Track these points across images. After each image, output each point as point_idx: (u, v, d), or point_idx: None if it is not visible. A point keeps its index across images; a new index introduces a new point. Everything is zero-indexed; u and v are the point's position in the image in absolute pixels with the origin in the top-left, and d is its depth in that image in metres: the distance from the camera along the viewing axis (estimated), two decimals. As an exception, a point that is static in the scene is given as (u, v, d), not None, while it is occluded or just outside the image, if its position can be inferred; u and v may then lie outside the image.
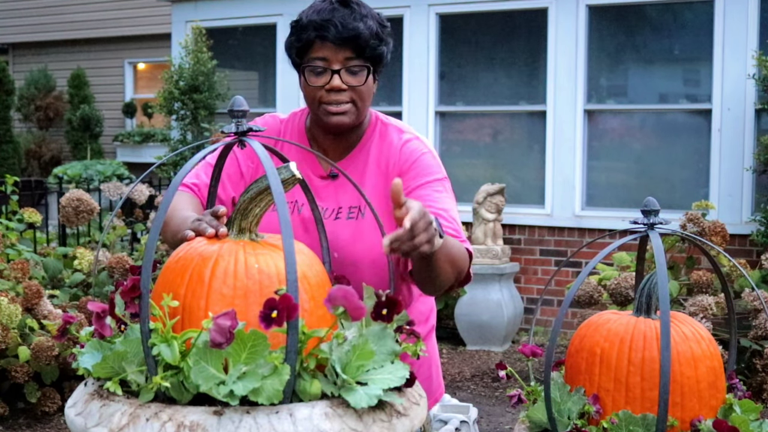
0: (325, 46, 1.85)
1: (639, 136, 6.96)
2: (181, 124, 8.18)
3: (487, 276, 6.48)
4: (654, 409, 1.65)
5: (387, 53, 1.91)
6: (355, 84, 1.87)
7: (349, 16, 1.85)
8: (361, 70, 1.87)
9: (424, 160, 1.94)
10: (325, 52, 1.85)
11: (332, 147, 1.98)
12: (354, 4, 1.88)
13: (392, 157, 1.94)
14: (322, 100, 1.89)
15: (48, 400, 4.69)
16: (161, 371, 1.37)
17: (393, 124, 2.01)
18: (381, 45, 1.89)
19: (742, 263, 5.32)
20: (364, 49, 1.85)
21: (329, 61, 1.86)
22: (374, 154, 1.96)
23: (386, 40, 1.92)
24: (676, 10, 6.80)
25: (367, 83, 1.88)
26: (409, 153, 1.94)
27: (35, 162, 14.48)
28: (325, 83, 1.87)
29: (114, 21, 14.43)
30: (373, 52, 1.87)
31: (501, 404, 5.21)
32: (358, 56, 1.86)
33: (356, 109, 1.90)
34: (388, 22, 1.96)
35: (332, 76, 1.86)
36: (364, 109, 1.92)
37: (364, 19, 1.86)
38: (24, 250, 5.14)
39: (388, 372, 1.44)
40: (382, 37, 1.90)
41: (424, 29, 7.32)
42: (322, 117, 1.90)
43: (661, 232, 1.76)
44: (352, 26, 1.83)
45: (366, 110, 1.94)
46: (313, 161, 1.96)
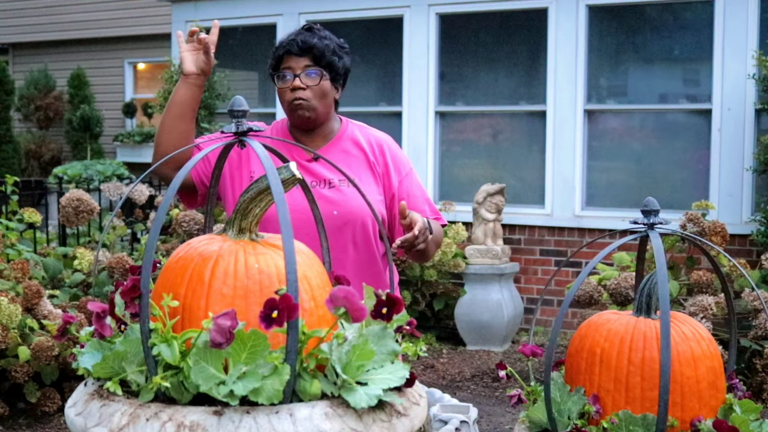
0: (290, 58, 2.40)
1: (639, 136, 6.96)
2: (181, 124, 8.18)
3: (487, 276, 6.48)
4: (654, 409, 1.65)
5: (339, 64, 2.42)
6: (311, 84, 2.38)
7: (309, 36, 2.40)
8: (317, 74, 2.39)
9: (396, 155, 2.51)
10: (290, 63, 2.40)
11: (310, 139, 2.48)
12: (316, 30, 2.44)
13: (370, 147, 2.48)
14: (288, 99, 2.40)
15: (48, 400, 4.69)
16: (161, 371, 1.37)
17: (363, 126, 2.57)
18: (334, 56, 2.41)
19: (742, 263, 5.32)
20: (320, 58, 2.38)
21: (293, 68, 2.40)
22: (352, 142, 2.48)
23: (341, 55, 2.44)
24: (676, 10, 6.80)
25: (321, 85, 2.40)
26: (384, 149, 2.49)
27: (35, 162, 14.48)
28: (290, 84, 2.39)
29: (114, 21, 14.43)
30: (327, 61, 2.39)
31: (501, 404, 5.21)
32: (315, 64, 2.39)
33: (313, 104, 2.39)
34: (347, 45, 2.50)
35: (294, 78, 2.39)
36: (322, 106, 2.42)
37: (321, 39, 2.40)
38: (24, 250, 5.14)
39: (388, 372, 1.44)
40: (337, 52, 2.42)
41: (424, 29, 7.32)
42: (291, 113, 2.42)
43: (661, 232, 1.76)
44: (310, 42, 2.38)
45: (325, 108, 2.43)
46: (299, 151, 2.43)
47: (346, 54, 2.46)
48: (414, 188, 2.49)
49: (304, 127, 2.44)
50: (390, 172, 2.47)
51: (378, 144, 2.49)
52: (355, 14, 7.64)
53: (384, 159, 2.47)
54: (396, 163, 2.49)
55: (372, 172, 2.45)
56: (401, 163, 2.50)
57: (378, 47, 7.77)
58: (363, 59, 7.86)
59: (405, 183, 2.48)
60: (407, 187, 2.48)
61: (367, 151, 2.47)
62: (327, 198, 2.37)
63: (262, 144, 1.55)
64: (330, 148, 2.46)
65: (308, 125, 2.43)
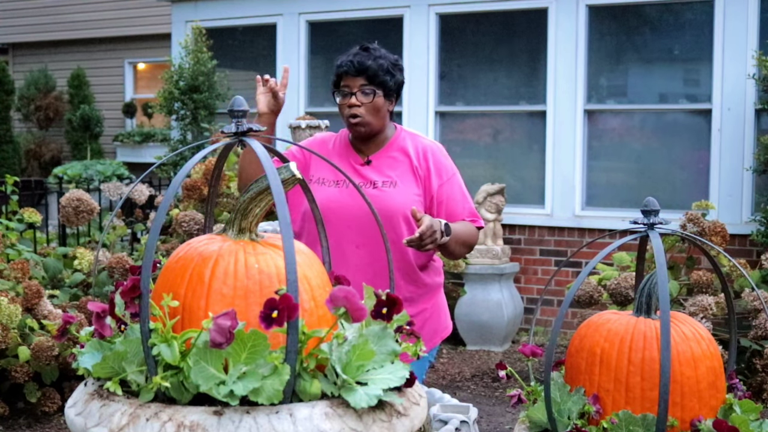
0: (347, 77, 2.70)
1: (639, 136, 6.96)
2: (181, 124, 8.18)
3: (487, 276, 6.47)
4: (654, 409, 1.65)
5: (391, 82, 2.71)
6: (365, 101, 2.68)
7: (365, 57, 2.69)
8: (370, 92, 2.68)
9: (440, 161, 2.80)
10: (347, 81, 2.70)
11: (365, 146, 2.79)
12: (372, 50, 2.72)
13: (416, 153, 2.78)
14: (346, 114, 2.71)
15: (48, 400, 4.69)
16: (161, 371, 1.37)
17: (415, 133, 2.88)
18: (386, 76, 2.69)
19: (742, 263, 5.32)
20: (374, 78, 2.68)
21: (350, 87, 2.69)
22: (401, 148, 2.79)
23: (393, 73, 2.72)
24: (676, 10, 6.80)
25: (374, 102, 2.69)
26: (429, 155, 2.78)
27: (35, 162, 14.47)
28: (347, 102, 2.70)
29: (114, 21, 14.42)
30: (381, 80, 2.69)
31: (501, 404, 5.20)
32: (369, 83, 2.68)
33: (368, 120, 2.70)
34: (402, 63, 2.80)
35: (351, 96, 2.69)
36: (376, 120, 2.72)
37: (376, 59, 2.69)
38: (24, 250, 5.13)
39: (388, 372, 1.44)
40: (390, 71, 2.70)
41: (424, 29, 7.33)
42: (348, 126, 2.75)
43: (661, 232, 1.76)
44: (364, 63, 2.67)
45: (379, 121, 2.73)
46: (355, 155, 2.78)
47: (400, 71, 2.76)
48: (454, 192, 2.79)
49: (358, 136, 2.76)
50: (431, 176, 2.76)
51: (423, 150, 2.78)
52: (355, 14, 7.64)
53: (427, 164, 2.77)
54: (438, 169, 2.78)
55: (414, 175, 2.74)
56: (443, 169, 2.80)
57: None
58: (363, 59, 7.86)
59: (445, 186, 2.77)
60: (447, 190, 2.77)
61: (412, 156, 2.76)
62: (370, 196, 2.62)
63: (263, 144, 1.55)
64: (380, 154, 2.78)
65: (364, 136, 2.75)
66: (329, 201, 2.66)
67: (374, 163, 2.76)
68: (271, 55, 8.08)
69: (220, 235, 1.61)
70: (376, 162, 2.75)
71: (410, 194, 2.71)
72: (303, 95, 7.89)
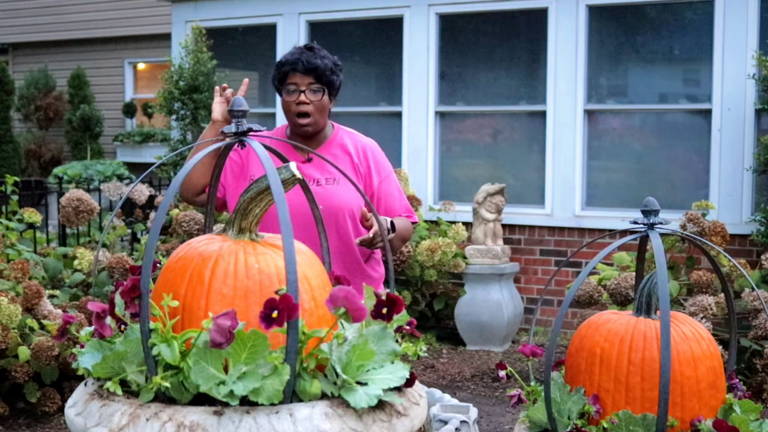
0: (295, 75, 2.77)
1: (639, 136, 6.96)
2: (181, 124, 8.18)
3: (487, 276, 6.47)
4: (654, 409, 1.65)
5: (337, 82, 2.82)
6: (314, 99, 2.77)
7: (312, 56, 2.78)
8: (319, 90, 2.78)
9: (378, 159, 2.90)
10: (295, 79, 2.78)
11: (306, 144, 2.83)
12: (316, 49, 2.82)
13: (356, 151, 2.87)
14: (294, 111, 2.78)
15: (48, 400, 4.69)
16: (161, 371, 1.37)
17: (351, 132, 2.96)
18: (332, 75, 2.80)
19: (742, 263, 5.31)
20: (322, 77, 2.77)
21: (298, 84, 2.77)
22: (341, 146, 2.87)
23: (337, 73, 2.83)
24: (676, 10, 6.80)
25: (323, 100, 2.79)
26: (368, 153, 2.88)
27: (35, 162, 14.47)
28: (296, 99, 2.77)
29: (114, 21, 14.42)
30: (328, 79, 2.78)
31: (501, 404, 5.20)
32: (317, 81, 2.77)
33: (315, 118, 2.79)
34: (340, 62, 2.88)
35: (300, 94, 2.76)
36: (322, 118, 2.81)
37: (321, 59, 2.79)
38: (24, 250, 5.13)
39: (388, 372, 1.44)
40: (334, 71, 2.81)
41: (424, 29, 7.33)
42: (295, 123, 2.80)
43: (661, 232, 1.76)
44: (313, 62, 2.76)
45: (323, 120, 2.83)
46: (294, 153, 2.83)
47: (340, 71, 2.86)
48: (392, 189, 2.90)
49: (303, 133, 2.81)
50: (372, 174, 2.86)
51: (363, 149, 2.88)
52: (355, 14, 7.64)
53: (367, 162, 2.86)
54: (377, 167, 2.88)
55: (355, 172, 2.83)
56: (382, 167, 2.89)
57: (378, 47, 7.77)
58: (363, 59, 7.86)
59: (384, 184, 2.88)
60: (385, 187, 2.88)
61: (352, 154, 2.85)
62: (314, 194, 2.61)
63: (262, 144, 1.55)
64: (321, 151, 2.83)
65: (309, 134, 2.81)
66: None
67: (315, 160, 2.82)
68: (271, 55, 8.08)
69: (220, 235, 1.61)
70: (317, 159, 2.81)
71: (352, 191, 2.79)
72: (303, 95, 7.88)
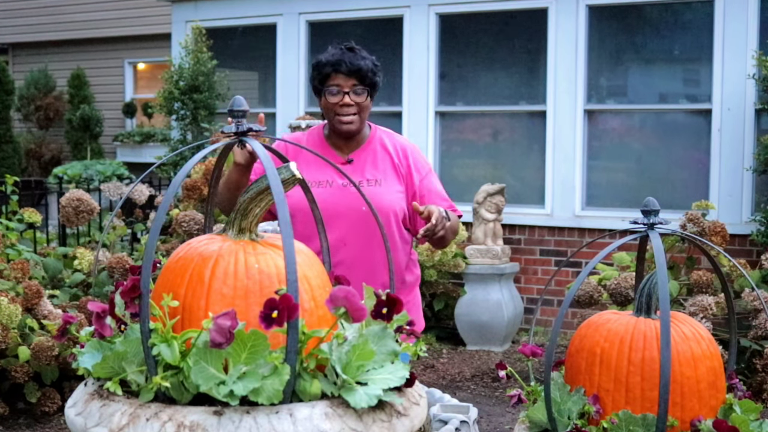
0: (338, 77, 2.72)
1: (639, 136, 6.96)
2: (181, 124, 8.18)
3: (487, 276, 6.47)
4: (654, 409, 1.65)
5: (379, 82, 2.80)
6: (359, 101, 2.73)
7: (354, 57, 2.72)
8: (363, 92, 2.74)
9: (418, 158, 2.89)
10: (338, 81, 2.72)
11: (345, 145, 2.83)
12: (357, 49, 2.76)
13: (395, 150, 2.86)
14: (337, 113, 2.73)
15: (48, 400, 4.69)
16: (161, 371, 1.37)
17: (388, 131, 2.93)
18: (375, 76, 2.77)
19: (742, 263, 5.31)
20: (365, 78, 2.72)
21: (341, 86, 2.72)
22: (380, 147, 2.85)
23: (378, 73, 2.79)
24: (676, 10, 6.80)
25: (366, 101, 2.76)
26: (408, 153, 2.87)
27: (35, 162, 14.47)
28: (339, 101, 2.72)
29: (114, 21, 14.42)
30: (371, 81, 2.75)
31: (501, 404, 5.20)
32: (361, 83, 2.72)
33: (359, 119, 2.75)
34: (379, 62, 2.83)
35: (344, 96, 2.72)
36: (364, 119, 2.79)
37: (364, 59, 2.74)
38: (24, 250, 5.13)
39: (388, 372, 1.44)
40: (375, 71, 2.77)
41: (424, 29, 7.32)
42: (337, 125, 2.76)
43: (661, 232, 1.76)
44: (357, 63, 2.71)
45: (365, 121, 2.80)
46: (334, 154, 2.82)
47: (380, 71, 2.81)
48: (433, 185, 2.86)
49: (346, 135, 2.79)
50: (412, 173, 2.83)
51: (402, 148, 2.86)
52: (355, 14, 7.64)
53: (407, 161, 2.84)
54: (417, 165, 2.85)
55: (396, 172, 2.81)
56: (421, 165, 2.87)
57: (378, 47, 7.76)
58: (363, 59, 7.85)
59: (425, 181, 2.85)
60: (427, 184, 2.84)
61: (392, 153, 2.84)
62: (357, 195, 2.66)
63: (263, 145, 1.55)
64: (362, 151, 2.83)
65: (350, 135, 2.79)
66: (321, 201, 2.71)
67: (356, 161, 2.80)
68: (271, 55, 8.08)
69: (220, 235, 1.61)
70: (357, 160, 2.79)
71: (395, 191, 2.78)
72: (303, 95, 7.89)
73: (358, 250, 2.72)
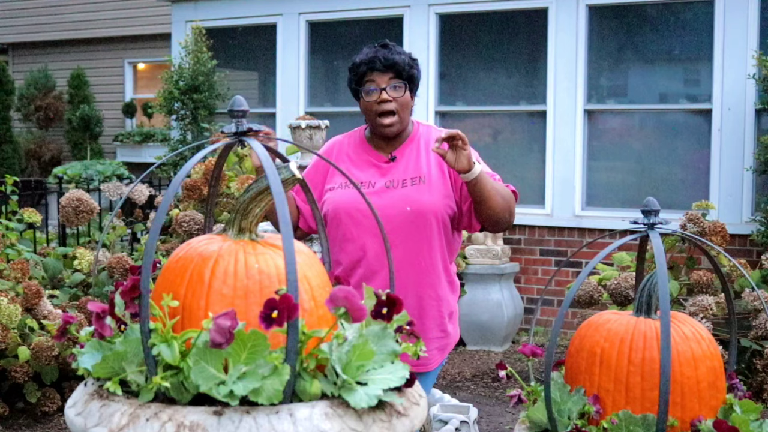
0: (374, 74, 2.61)
1: (639, 136, 6.96)
2: (181, 124, 8.18)
3: (487, 276, 6.47)
4: (654, 409, 1.65)
5: (418, 76, 2.68)
6: (396, 96, 2.61)
7: (388, 52, 2.62)
8: (401, 86, 2.61)
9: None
10: (373, 77, 2.61)
11: (387, 145, 2.70)
12: (391, 46, 2.66)
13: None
14: (376, 111, 2.61)
15: (48, 400, 4.69)
16: (161, 371, 1.37)
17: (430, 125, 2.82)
18: (412, 69, 2.65)
19: (742, 263, 5.31)
20: (402, 72, 2.61)
21: (377, 82, 2.60)
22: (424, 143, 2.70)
23: (416, 67, 2.68)
24: (676, 10, 6.80)
25: (405, 96, 2.63)
26: None
27: (35, 162, 14.47)
28: (377, 98, 2.60)
29: (114, 21, 14.42)
30: (408, 74, 2.63)
31: (501, 404, 5.20)
32: (398, 77, 2.61)
33: (400, 117, 2.63)
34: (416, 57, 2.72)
35: (381, 92, 2.60)
36: (406, 117, 2.66)
37: (398, 54, 2.63)
38: (24, 250, 5.13)
39: (388, 372, 1.44)
40: (413, 65, 2.66)
41: (424, 29, 7.32)
42: (378, 129, 2.64)
43: (661, 232, 1.76)
44: (391, 58, 2.60)
45: (407, 118, 2.68)
46: (376, 154, 2.70)
47: (417, 65, 2.70)
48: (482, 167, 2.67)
49: (387, 136, 2.66)
50: None
51: None
52: (355, 14, 7.64)
53: None
54: None
55: (440, 168, 2.65)
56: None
57: (378, 47, 7.77)
58: (363, 59, 7.85)
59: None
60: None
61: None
62: (400, 195, 2.62)
63: (263, 144, 1.55)
64: (403, 149, 2.69)
65: (393, 134, 2.66)
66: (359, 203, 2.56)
67: (399, 159, 2.68)
68: (271, 55, 8.08)
69: (220, 235, 1.61)
70: (400, 158, 2.67)
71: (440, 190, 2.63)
72: (303, 95, 7.89)
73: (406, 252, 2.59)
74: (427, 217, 2.61)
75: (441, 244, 2.67)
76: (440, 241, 2.66)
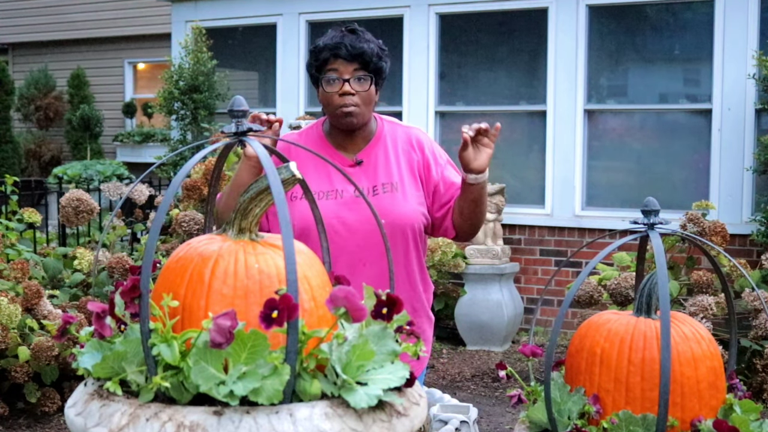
0: (337, 62, 2.34)
1: (639, 136, 6.96)
2: (181, 124, 8.18)
3: (487, 276, 6.47)
4: (654, 410, 1.65)
5: (386, 69, 2.41)
6: (360, 90, 2.35)
7: (356, 39, 2.34)
8: (365, 79, 2.35)
9: (434, 147, 2.54)
10: (337, 66, 2.34)
11: (349, 143, 2.44)
12: (359, 32, 2.38)
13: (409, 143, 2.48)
14: (337, 104, 2.35)
15: (48, 400, 4.69)
16: (161, 371, 1.37)
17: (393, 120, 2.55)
18: (381, 61, 2.38)
19: (742, 263, 5.31)
20: (368, 63, 2.34)
21: (341, 72, 2.34)
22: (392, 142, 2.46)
23: (384, 58, 2.40)
24: (676, 10, 6.80)
25: (370, 90, 2.37)
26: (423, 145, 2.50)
27: (35, 162, 14.47)
28: (339, 89, 2.34)
29: (114, 21, 14.42)
30: (375, 66, 2.36)
31: (501, 404, 5.20)
32: (363, 68, 2.34)
33: (361, 110, 2.36)
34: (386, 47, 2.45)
35: (343, 83, 2.33)
36: (368, 111, 2.39)
37: (367, 42, 2.36)
38: (24, 250, 5.13)
39: (388, 372, 1.44)
40: (381, 56, 2.38)
41: (424, 29, 7.32)
42: (337, 118, 2.37)
43: (661, 232, 1.76)
44: (359, 46, 2.33)
45: (370, 113, 2.41)
46: (340, 156, 2.42)
47: (387, 56, 2.44)
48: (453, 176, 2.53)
49: (347, 128, 2.41)
50: (431, 166, 2.49)
51: (417, 140, 2.50)
52: (355, 14, 7.64)
53: (423, 155, 2.49)
54: (434, 156, 2.52)
55: (412, 172, 2.46)
56: (438, 154, 2.54)
57: (378, 47, 7.77)
58: (363, 59, 7.86)
59: (446, 172, 2.52)
60: (448, 175, 2.51)
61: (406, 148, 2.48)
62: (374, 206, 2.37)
63: (263, 144, 1.55)
64: (371, 149, 2.45)
65: (353, 129, 2.42)
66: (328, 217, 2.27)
67: (366, 162, 2.42)
68: (271, 55, 8.08)
69: (220, 235, 1.61)
70: (367, 161, 2.41)
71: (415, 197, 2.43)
72: (303, 95, 7.89)
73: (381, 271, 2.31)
74: (403, 231, 2.39)
75: (418, 255, 2.46)
76: (416, 251, 2.45)
